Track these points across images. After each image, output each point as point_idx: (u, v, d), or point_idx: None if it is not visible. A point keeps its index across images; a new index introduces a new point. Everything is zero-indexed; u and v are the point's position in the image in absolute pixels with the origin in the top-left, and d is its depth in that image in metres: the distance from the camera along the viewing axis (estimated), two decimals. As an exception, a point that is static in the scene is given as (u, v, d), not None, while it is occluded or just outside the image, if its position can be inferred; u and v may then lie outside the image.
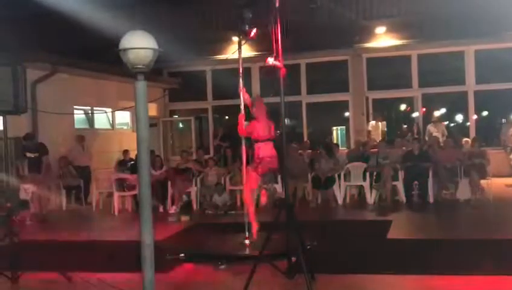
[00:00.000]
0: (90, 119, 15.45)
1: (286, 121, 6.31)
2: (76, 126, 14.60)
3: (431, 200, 11.58)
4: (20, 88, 6.43)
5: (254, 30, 7.31)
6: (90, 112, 15.29)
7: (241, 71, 7.73)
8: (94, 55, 13.45)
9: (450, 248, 7.43)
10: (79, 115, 14.95)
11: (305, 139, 16.45)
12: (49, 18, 13.30)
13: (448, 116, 16.75)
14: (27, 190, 11.29)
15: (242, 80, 7.69)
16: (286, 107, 6.06)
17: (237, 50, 7.91)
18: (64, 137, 13.51)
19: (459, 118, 17.29)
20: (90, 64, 13.94)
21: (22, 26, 13.79)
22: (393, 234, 8.61)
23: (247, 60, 14.71)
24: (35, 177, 11.60)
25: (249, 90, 17.10)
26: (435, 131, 14.59)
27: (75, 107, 14.41)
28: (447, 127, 15.62)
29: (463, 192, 11.54)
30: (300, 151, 13.84)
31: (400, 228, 9.18)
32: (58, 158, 13.08)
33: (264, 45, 6.82)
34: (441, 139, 14.03)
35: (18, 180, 11.09)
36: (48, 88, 12.82)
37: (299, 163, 12.51)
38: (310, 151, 14.34)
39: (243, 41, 7.87)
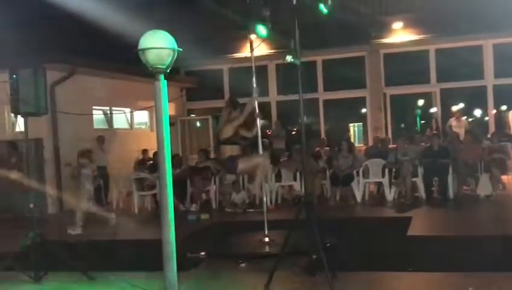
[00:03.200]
0: (109, 120, 15.55)
1: (304, 118, 6.31)
2: (96, 126, 14.70)
3: (451, 196, 11.50)
4: (40, 90, 6.51)
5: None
6: (109, 112, 15.39)
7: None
8: (112, 56, 13.53)
9: (470, 244, 7.35)
10: (98, 115, 15.04)
11: (323, 136, 16.42)
12: (67, 19, 13.40)
13: (467, 111, 16.61)
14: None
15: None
16: (304, 105, 6.06)
17: (250, 50, 7.92)
18: (84, 138, 13.60)
19: (478, 112, 17.13)
20: (108, 64, 14.02)
21: (41, 28, 13.91)
22: (413, 230, 8.56)
23: (264, 57, 14.79)
24: None
25: (265, 88, 17.15)
26: (456, 126, 14.46)
27: (94, 107, 14.50)
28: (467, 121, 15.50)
29: (483, 188, 11.43)
30: (317, 148, 13.83)
31: (419, 225, 9.13)
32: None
33: (281, 42, 6.85)
34: (462, 134, 13.92)
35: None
36: (67, 89, 12.94)
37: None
38: (327, 148, 14.31)
39: (258, 40, 7.90)
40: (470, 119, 15.85)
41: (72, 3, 12.54)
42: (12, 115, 6.76)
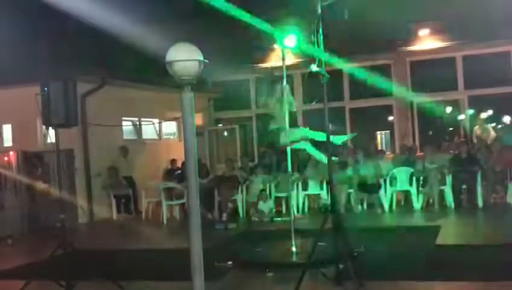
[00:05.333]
0: (138, 130, 15.74)
1: (330, 127, 6.32)
2: (125, 137, 14.89)
3: (480, 204, 11.37)
4: (71, 102, 6.63)
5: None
6: (138, 123, 15.58)
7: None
8: (141, 67, 13.74)
9: (501, 253, 7.27)
10: (127, 126, 15.23)
11: (349, 144, 16.34)
12: (97, 32, 13.65)
13: (496, 118, 16.39)
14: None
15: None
16: (329, 113, 6.07)
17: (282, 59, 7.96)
18: (114, 148, 13.81)
19: (507, 119, 16.89)
20: (137, 76, 14.22)
21: (72, 41, 14.19)
22: (442, 239, 8.49)
23: (289, 67, 14.77)
24: None
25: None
26: (481, 134, 14.31)
27: (123, 118, 14.71)
28: (495, 128, 15.29)
29: (513, 195, 11.29)
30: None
31: (448, 234, 9.04)
32: (107, 168, 13.39)
33: (306, 51, 6.87)
34: (489, 141, 13.78)
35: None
36: (97, 100, 13.15)
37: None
38: (354, 156, 14.24)
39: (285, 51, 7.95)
40: (499, 126, 15.64)
41: (101, 17, 12.78)
42: (44, 126, 6.88)
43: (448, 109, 17.02)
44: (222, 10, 12.53)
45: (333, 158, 7.56)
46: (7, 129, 14.19)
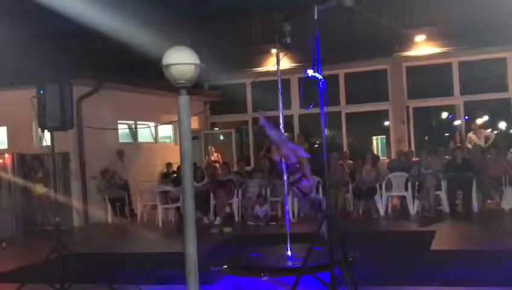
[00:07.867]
0: (133, 134, 15.72)
1: (326, 131, 6.31)
2: (121, 140, 14.86)
3: (475, 209, 11.39)
4: (67, 105, 6.61)
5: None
6: (133, 126, 15.56)
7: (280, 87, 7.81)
8: (137, 71, 13.72)
9: (495, 259, 7.27)
10: (123, 129, 15.19)
11: (345, 149, 16.38)
12: (93, 35, 13.64)
13: (492, 123, 16.43)
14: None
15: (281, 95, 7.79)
16: (325, 118, 6.07)
17: (277, 63, 7.96)
18: (109, 151, 13.78)
19: (503, 125, 16.94)
20: (133, 79, 14.21)
21: (68, 44, 14.18)
22: (437, 245, 8.50)
23: (286, 71, 14.83)
24: None
25: (288, 102, 17.12)
26: (476, 139, 14.36)
27: (119, 121, 14.68)
28: (491, 134, 15.31)
29: (508, 201, 11.31)
30: (340, 161, 13.80)
31: (443, 239, 9.06)
32: (100, 171, 13.33)
33: (303, 56, 6.89)
34: (483, 145, 13.81)
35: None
36: (93, 104, 13.13)
37: (339, 173, 12.51)
38: (350, 161, 14.28)
39: (281, 54, 7.93)
40: (495, 132, 15.68)
41: (98, 20, 12.78)
42: (40, 129, 6.87)
43: (444, 114, 17.09)
44: (219, 13, 12.58)
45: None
46: (2, 132, 14.16)
